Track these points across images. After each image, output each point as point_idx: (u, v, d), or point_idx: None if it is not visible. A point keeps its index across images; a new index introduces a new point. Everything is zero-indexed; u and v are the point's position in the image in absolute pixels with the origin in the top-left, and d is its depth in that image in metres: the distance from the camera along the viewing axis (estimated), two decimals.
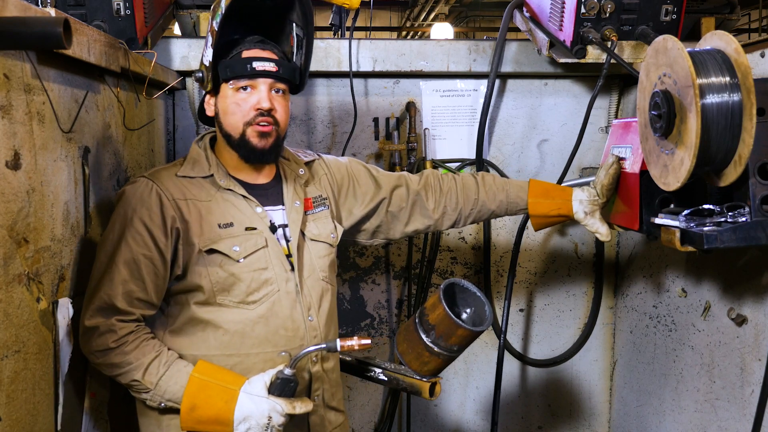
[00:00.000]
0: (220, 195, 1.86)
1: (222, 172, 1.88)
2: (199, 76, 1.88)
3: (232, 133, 1.85)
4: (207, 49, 1.85)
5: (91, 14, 2.22)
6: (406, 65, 2.76)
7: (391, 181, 2.17)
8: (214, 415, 1.70)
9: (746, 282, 2.11)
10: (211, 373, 1.73)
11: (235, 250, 1.81)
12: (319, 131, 2.88)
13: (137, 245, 1.74)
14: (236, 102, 1.84)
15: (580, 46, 2.35)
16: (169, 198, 1.80)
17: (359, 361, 2.13)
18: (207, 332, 1.82)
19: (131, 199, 1.78)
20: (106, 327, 1.69)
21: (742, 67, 1.56)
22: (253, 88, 1.84)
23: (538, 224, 2.23)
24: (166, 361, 1.73)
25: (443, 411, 3.09)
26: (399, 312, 3.01)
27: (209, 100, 1.91)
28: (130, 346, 1.71)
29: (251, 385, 1.71)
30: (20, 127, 1.43)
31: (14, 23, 1.27)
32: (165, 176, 1.84)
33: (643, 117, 1.79)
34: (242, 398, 1.70)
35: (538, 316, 3.05)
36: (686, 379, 2.46)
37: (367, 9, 3.14)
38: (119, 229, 1.76)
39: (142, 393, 1.74)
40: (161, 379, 1.72)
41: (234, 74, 1.83)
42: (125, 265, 1.73)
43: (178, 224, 1.79)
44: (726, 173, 1.65)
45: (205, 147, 1.93)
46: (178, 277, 1.81)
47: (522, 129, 2.93)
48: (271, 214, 1.91)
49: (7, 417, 1.40)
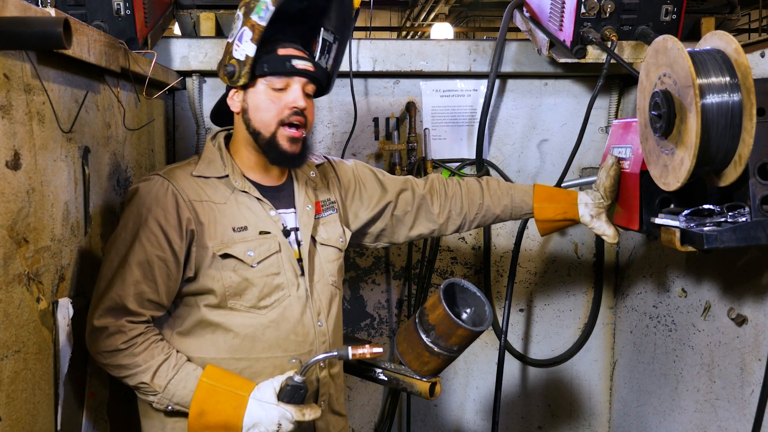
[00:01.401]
0: (234, 197, 1.83)
1: (237, 173, 1.86)
2: (230, 69, 1.80)
3: (262, 131, 1.81)
4: (243, 43, 1.77)
5: (91, 14, 2.22)
6: (406, 65, 2.76)
7: (397, 184, 2.16)
8: (223, 421, 1.69)
9: (746, 282, 2.11)
10: (220, 378, 1.72)
11: (249, 255, 1.79)
12: (319, 131, 2.88)
13: (151, 246, 1.72)
14: (271, 99, 1.80)
15: (580, 46, 2.35)
16: (185, 199, 1.77)
17: (359, 361, 2.13)
18: (217, 335, 1.80)
19: (146, 197, 1.75)
20: (115, 328, 1.67)
21: (742, 67, 1.56)
22: (287, 86, 1.81)
23: (544, 229, 2.22)
24: (175, 365, 1.72)
25: (443, 411, 3.09)
26: (399, 312, 3.01)
27: (234, 96, 1.86)
28: (140, 348, 1.69)
29: (260, 392, 1.70)
30: (20, 127, 1.43)
31: (14, 23, 1.27)
32: (180, 176, 1.81)
33: (643, 117, 1.79)
34: (252, 404, 1.68)
35: (538, 317, 3.05)
36: (686, 379, 2.46)
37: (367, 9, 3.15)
38: (133, 228, 1.73)
39: (149, 395, 1.72)
40: (170, 383, 1.70)
41: (272, 70, 1.79)
42: (138, 265, 1.70)
43: (194, 226, 1.76)
44: (726, 173, 1.65)
45: (219, 146, 1.90)
46: (189, 279, 1.79)
47: (522, 129, 2.93)
48: (284, 217, 1.90)
49: (7, 417, 1.40)
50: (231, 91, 1.87)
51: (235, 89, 1.85)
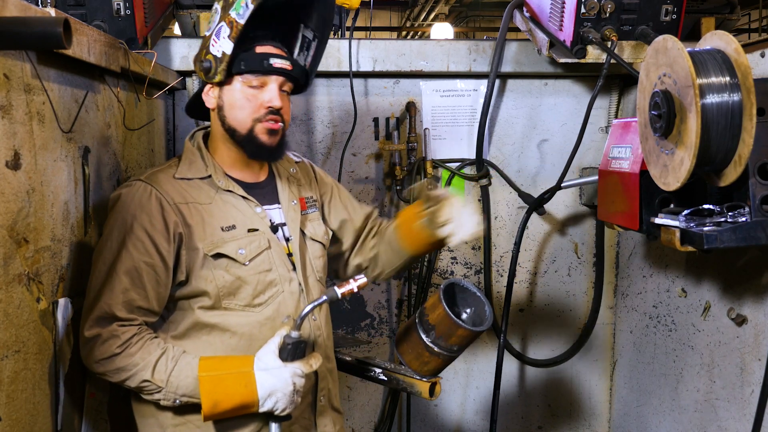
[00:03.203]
0: (219, 197, 1.82)
1: (220, 172, 1.85)
2: (206, 65, 1.79)
3: (237, 128, 1.81)
4: (221, 39, 1.76)
5: (91, 14, 2.22)
6: (406, 65, 2.76)
7: (364, 210, 2.16)
8: (239, 402, 1.68)
9: (746, 282, 2.11)
10: (217, 366, 1.70)
11: (240, 253, 1.78)
12: (319, 131, 2.88)
13: (138, 252, 1.70)
14: (246, 97, 1.79)
15: (580, 46, 2.35)
16: (170, 202, 1.75)
17: (359, 361, 2.13)
18: (213, 336, 1.79)
19: (129, 204, 1.73)
20: (108, 334, 1.65)
21: (742, 67, 1.56)
22: (263, 85, 1.80)
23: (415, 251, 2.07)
24: (173, 356, 1.69)
25: (443, 411, 3.09)
26: (399, 312, 3.01)
27: (209, 91, 1.85)
28: (135, 347, 1.67)
29: (263, 361, 1.69)
30: (20, 127, 1.43)
31: (14, 23, 1.27)
32: (163, 179, 1.79)
33: (643, 117, 1.79)
34: (260, 376, 1.67)
35: (538, 316, 3.05)
36: (686, 379, 2.46)
37: (367, 9, 3.15)
38: (118, 236, 1.71)
39: (154, 393, 1.70)
40: (171, 374, 1.68)
41: (249, 68, 1.78)
42: (126, 273, 1.68)
43: (181, 229, 1.74)
44: (726, 173, 1.65)
45: (198, 145, 1.88)
46: (181, 283, 1.77)
47: (522, 129, 2.93)
48: (270, 213, 1.89)
49: (7, 417, 1.40)
50: (206, 87, 1.85)
51: (211, 85, 1.84)
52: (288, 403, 1.69)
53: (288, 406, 1.70)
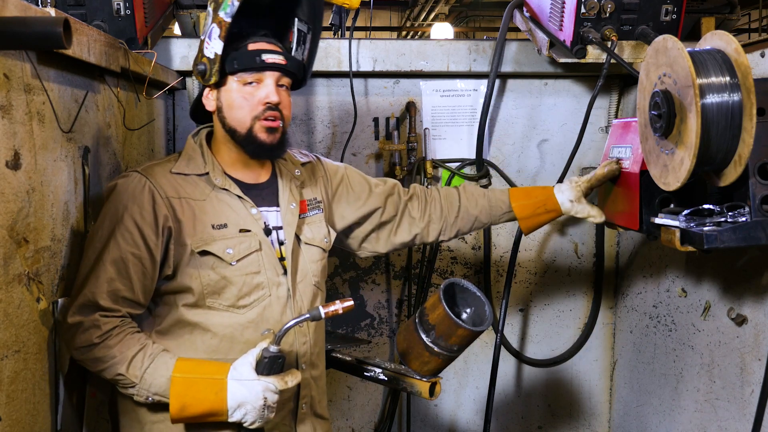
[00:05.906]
0: (214, 194, 1.82)
1: (218, 170, 1.84)
2: (201, 68, 1.80)
3: (237, 128, 1.81)
4: (212, 40, 1.77)
5: (91, 14, 2.22)
6: (406, 65, 2.76)
7: (385, 189, 2.17)
8: (207, 409, 1.66)
9: (746, 282, 2.11)
10: (193, 368, 1.69)
11: (228, 252, 1.78)
12: (319, 131, 2.88)
13: (126, 243, 1.70)
14: (243, 96, 1.79)
15: (580, 46, 2.35)
16: (162, 196, 1.75)
17: (359, 361, 2.13)
18: (195, 335, 1.78)
19: (123, 194, 1.74)
20: (90, 323, 1.65)
21: (742, 67, 1.56)
22: (259, 81, 1.80)
23: (527, 227, 2.23)
24: (150, 354, 1.69)
25: (443, 411, 3.09)
26: (399, 312, 3.01)
27: (209, 94, 1.86)
28: (114, 340, 1.67)
29: (238, 371, 1.67)
30: (20, 127, 1.43)
31: (14, 23, 1.27)
32: (159, 172, 1.80)
33: (643, 117, 1.79)
34: (232, 386, 1.66)
35: (538, 316, 3.05)
36: (686, 379, 2.46)
37: (367, 9, 3.14)
38: (108, 225, 1.72)
39: (128, 388, 1.69)
40: (146, 372, 1.67)
41: (242, 66, 1.78)
42: (113, 263, 1.69)
43: (171, 223, 1.75)
44: (726, 173, 1.65)
45: (201, 143, 1.88)
46: (167, 277, 1.77)
47: (522, 129, 2.93)
48: (266, 215, 1.88)
49: (7, 417, 1.40)
50: (206, 90, 1.86)
51: (209, 88, 1.85)
52: (257, 416, 1.68)
53: (257, 420, 1.68)
